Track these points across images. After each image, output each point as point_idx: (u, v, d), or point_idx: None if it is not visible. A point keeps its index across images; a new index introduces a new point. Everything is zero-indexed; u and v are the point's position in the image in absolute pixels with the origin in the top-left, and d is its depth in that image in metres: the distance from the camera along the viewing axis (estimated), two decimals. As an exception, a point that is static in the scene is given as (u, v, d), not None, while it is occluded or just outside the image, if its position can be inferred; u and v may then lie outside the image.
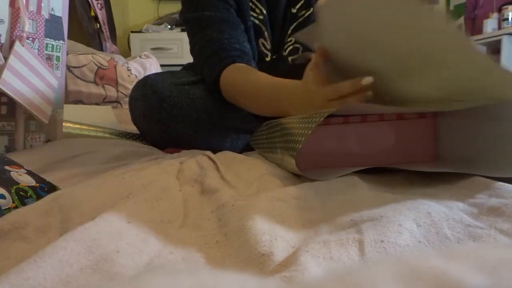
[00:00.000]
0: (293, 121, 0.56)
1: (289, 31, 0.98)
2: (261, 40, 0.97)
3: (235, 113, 0.91)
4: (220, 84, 0.86)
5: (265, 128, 0.74)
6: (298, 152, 0.49)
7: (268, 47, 0.98)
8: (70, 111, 1.06)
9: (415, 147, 0.60)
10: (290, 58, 0.98)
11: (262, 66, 0.97)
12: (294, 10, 0.97)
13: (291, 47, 0.98)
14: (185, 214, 0.42)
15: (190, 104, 0.88)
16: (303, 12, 0.97)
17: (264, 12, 0.95)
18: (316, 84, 0.63)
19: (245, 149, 0.93)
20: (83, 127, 0.99)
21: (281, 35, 0.99)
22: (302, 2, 0.96)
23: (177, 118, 0.88)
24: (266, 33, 0.97)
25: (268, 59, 0.99)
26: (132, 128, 1.04)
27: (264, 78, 0.78)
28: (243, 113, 0.94)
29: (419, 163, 0.58)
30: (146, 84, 0.90)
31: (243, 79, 0.82)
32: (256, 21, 0.95)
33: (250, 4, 0.94)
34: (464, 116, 0.55)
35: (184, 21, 0.97)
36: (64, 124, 0.90)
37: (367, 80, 0.56)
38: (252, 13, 0.94)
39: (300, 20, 0.97)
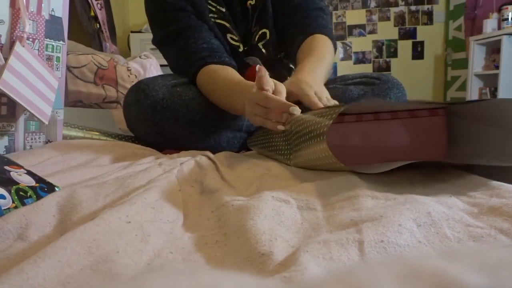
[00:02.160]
0: (304, 120, 0.57)
1: (254, 21, 1.04)
2: (229, 35, 1.03)
3: (229, 112, 0.91)
4: (197, 85, 0.94)
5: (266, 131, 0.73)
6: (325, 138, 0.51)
7: (237, 38, 1.04)
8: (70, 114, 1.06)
9: (427, 145, 0.60)
10: (260, 45, 1.06)
11: (238, 56, 1.03)
12: (252, 2, 1.03)
13: (258, 34, 1.05)
14: (185, 214, 0.42)
15: (183, 106, 0.89)
16: (260, 2, 1.04)
17: (223, 10, 1.02)
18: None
19: (243, 148, 0.93)
20: (82, 130, 0.99)
21: (245, 26, 1.05)
22: None
23: (171, 120, 0.89)
24: (231, 28, 1.03)
25: (241, 49, 1.04)
26: (131, 129, 1.04)
27: (224, 78, 0.86)
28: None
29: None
30: (139, 88, 0.92)
31: (211, 79, 0.90)
32: (218, 20, 1.01)
33: (209, 7, 1.01)
34: (477, 119, 0.55)
35: (156, 45, 1.04)
36: (64, 127, 0.90)
37: (296, 110, 0.61)
38: (212, 15, 1.01)
39: (259, 9, 1.04)
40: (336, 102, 0.72)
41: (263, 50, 1.05)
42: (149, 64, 1.97)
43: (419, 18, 3.98)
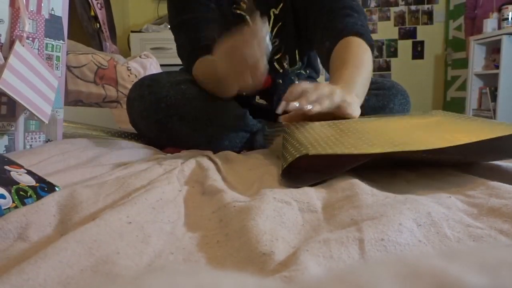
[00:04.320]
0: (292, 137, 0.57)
1: (274, 31, 1.02)
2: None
3: (232, 111, 0.91)
4: (195, 78, 0.93)
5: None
6: (284, 170, 0.51)
7: None
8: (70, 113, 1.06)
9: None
10: (274, 59, 1.03)
11: None
12: (276, 12, 1.01)
13: (275, 48, 1.02)
14: (186, 214, 0.42)
15: (187, 104, 0.88)
16: (284, 15, 1.00)
17: (246, 2, 1.00)
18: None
19: (244, 148, 0.93)
20: (82, 127, 0.99)
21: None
22: (282, 4, 1.00)
23: (175, 117, 0.88)
24: (249, 21, 1.00)
25: None
26: (131, 128, 1.04)
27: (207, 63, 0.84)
28: (241, 111, 0.95)
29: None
30: (143, 84, 0.91)
31: (204, 66, 0.89)
32: (239, 11, 1.00)
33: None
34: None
35: (171, 29, 1.04)
36: (64, 124, 0.90)
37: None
38: (235, 5, 0.99)
39: (282, 22, 1.01)
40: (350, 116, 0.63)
41: (277, 66, 1.03)
42: (149, 64, 1.97)
43: (419, 18, 3.98)
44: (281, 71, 1.04)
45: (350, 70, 0.73)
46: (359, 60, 0.77)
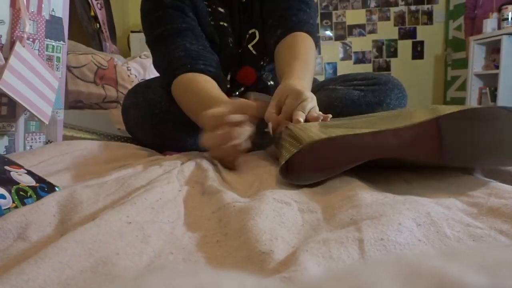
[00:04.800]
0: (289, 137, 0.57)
1: (244, 20, 1.00)
2: (230, 38, 1.00)
3: None
4: (175, 97, 0.87)
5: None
6: (281, 167, 0.50)
7: (233, 41, 1.01)
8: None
9: (419, 148, 0.59)
10: (250, 46, 1.02)
11: (234, 58, 1.00)
12: (243, 0, 0.99)
13: (248, 34, 1.01)
14: (186, 214, 0.42)
15: (181, 108, 0.88)
16: (251, 3, 0.99)
17: (222, 10, 0.98)
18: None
19: None
20: (80, 131, 0.99)
21: (240, 27, 1.01)
22: None
23: (170, 123, 0.89)
24: (229, 29, 0.99)
25: (233, 51, 1.01)
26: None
27: (196, 90, 0.80)
28: None
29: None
30: (137, 91, 0.92)
31: (182, 93, 0.84)
32: (219, 22, 0.98)
33: (208, 9, 0.97)
34: (468, 117, 0.55)
35: (148, 47, 0.98)
36: (64, 130, 0.90)
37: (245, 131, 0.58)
38: (211, 17, 0.97)
39: (249, 9, 0.99)
40: (321, 114, 0.65)
41: (254, 52, 1.01)
42: (149, 64, 1.97)
43: (419, 18, 3.98)
44: (255, 53, 1.01)
45: (300, 66, 0.79)
46: (307, 56, 0.84)
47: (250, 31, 1.00)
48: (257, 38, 1.01)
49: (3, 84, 0.67)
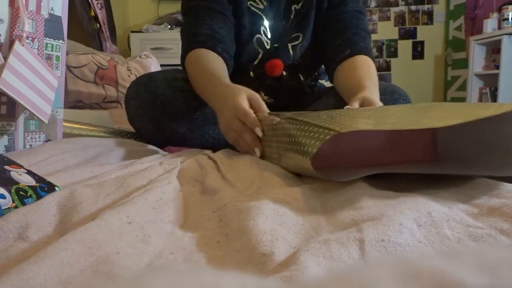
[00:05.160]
0: (298, 127, 0.55)
1: (293, 25, 1.04)
2: (262, 28, 1.02)
3: None
4: (186, 68, 0.92)
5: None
6: (313, 156, 0.48)
7: (269, 35, 1.03)
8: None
9: (414, 148, 0.59)
10: (289, 45, 1.06)
11: (264, 51, 1.04)
12: (298, 7, 1.02)
13: (292, 36, 1.05)
14: (186, 214, 0.42)
15: (183, 102, 0.88)
16: (305, 9, 1.03)
17: (265, 3, 1.01)
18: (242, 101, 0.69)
19: None
20: (81, 126, 0.99)
21: (283, 27, 1.04)
22: (303, 1, 1.02)
23: (171, 116, 0.89)
24: (266, 23, 1.02)
25: (268, 46, 1.04)
26: (130, 128, 1.05)
27: (211, 70, 0.84)
28: None
29: (421, 166, 0.57)
30: (140, 83, 0.92)
31: (195, 64, 0.89)
32: (255, 9, 1.01)
33: None
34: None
35: (181, 12, 1.04)
36: (63, 124, 0.90)
37: (258, 132, 0.64)
38: (252, 2, 1.00)
39: (302, 15, 1.03)
40: None
41: (291, 51, 1.05)
42: (149, 64, 1.97)
43: (419, 18, 3.98)
44: (291, 53, 1.05)
45: (373, 83, 0.85)
46: (375, 75, 0.91)
47: (295, 34, 1.05)
48: (299, 41, 1.05)
49: (2, 83, 0.67)
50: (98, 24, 2.57)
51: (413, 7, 3.96)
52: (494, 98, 3.14)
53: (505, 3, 3.16)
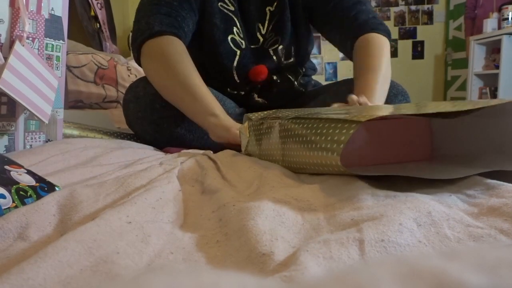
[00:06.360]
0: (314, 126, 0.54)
1: (270, 28, 1.05)
2: (235, 28, 1.03)
3: (229, 111, 0.91)
4: (141, 59, 0.91)
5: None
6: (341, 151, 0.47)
7: (242, 35, 1.04)
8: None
9: (411, 145, 0.59)
10: (270, 50, 1.07)
11: (240, 51, 1.04)
12: (272, 9, 1.04)
13: (272, 40, 1.06)
14: (186, 214, 0.42)
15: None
16: (279, 10, 1.04)
17: (235, 5, 1.02)
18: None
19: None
20: (79, 127, 0.99)
21: (258, 28, 1.06)
22: (276, 2, 1.03)
23: (169, 118, 0.89)
24: (238, 23, 1.03)
25: (243, 46, 1.05)
26: (129, 129, 1.05)
27: (184, 77, 0.84)
28: (236, 111, 0.95)
29: (419, 166, 0.57)
30: (138, 86, 0.92)
31: (170, 72, 0.86)
32: (226, 11, 1.02)
33: None
34: (457, 113, 0.55)
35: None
36: (63, 125, 0.90)
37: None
38: (222, 3, 1.01)
39: (277, 17, 1.04)
40: None
41: (274, 56, 1.06)
42: (149, 64, 1.96)
43: (419, 17, 3.98)
44: (274, 58, 1.06)
45: (370, 79, 0.84)
46: (377, 65, 0.87)
47: (273, 38, 1.06)
48: (279, 44, 1.06)
49: (2, 84, 0.67)
50: (98, 24, 2.57)
51: (413, 7, 3.96)
52: (494, 98, 3.14)
53: (505, 3, 3.16)
